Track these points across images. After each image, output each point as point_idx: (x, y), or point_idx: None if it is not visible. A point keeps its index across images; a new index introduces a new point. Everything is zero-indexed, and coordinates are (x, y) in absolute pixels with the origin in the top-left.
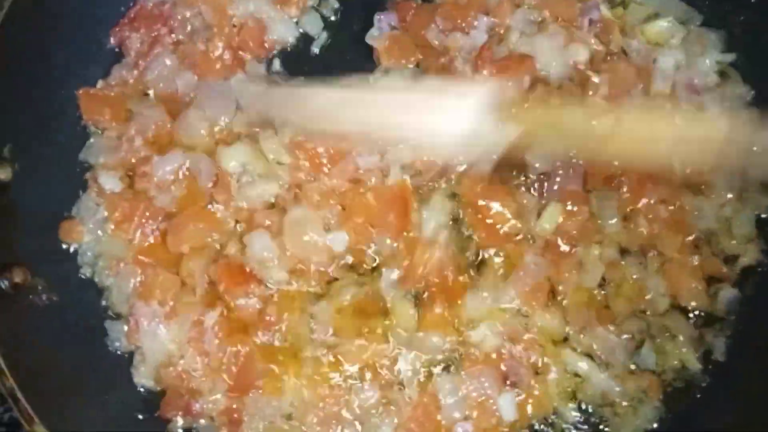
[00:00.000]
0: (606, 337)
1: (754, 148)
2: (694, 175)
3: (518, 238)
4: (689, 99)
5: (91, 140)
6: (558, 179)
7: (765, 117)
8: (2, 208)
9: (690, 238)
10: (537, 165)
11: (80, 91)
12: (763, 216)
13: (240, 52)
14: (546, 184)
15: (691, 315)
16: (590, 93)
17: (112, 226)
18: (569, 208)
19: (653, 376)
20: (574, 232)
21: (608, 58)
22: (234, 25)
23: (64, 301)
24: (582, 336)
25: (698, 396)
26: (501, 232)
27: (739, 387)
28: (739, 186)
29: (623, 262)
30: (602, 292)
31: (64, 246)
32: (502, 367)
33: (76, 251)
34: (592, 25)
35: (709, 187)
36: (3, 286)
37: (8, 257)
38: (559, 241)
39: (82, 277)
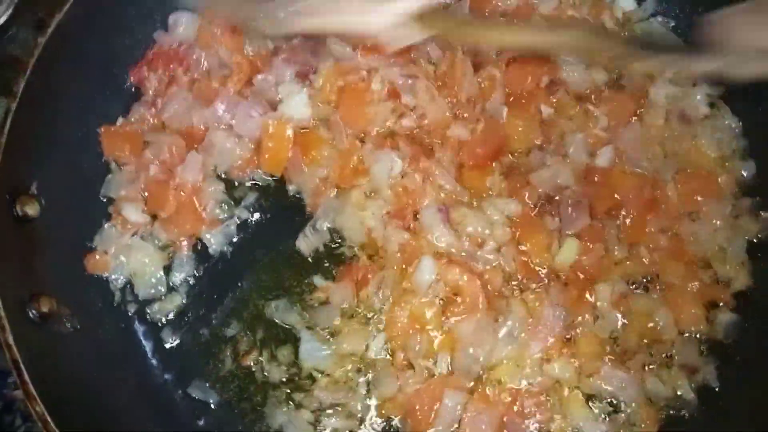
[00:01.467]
0: (617, 375)
1: None
2: (690, 203)
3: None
4: (681, 129)
5: (110, 175)
6: (568, 211)
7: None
8: (30, 241)
9: (689, 264)
10: (540, 189)
11: (102, 130)
12: (754, 240)
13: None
14: (557, 216)
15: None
16: (590, 125)
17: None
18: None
19: (649, 406)
20: (590, 267)
21: (604, 89)
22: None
23: (88, 327)
24: (591, 378)
25: (690, 424)
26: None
27: (732, 413)
28: (731, 212)
29: (631, 295)
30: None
31: (87, 275)
32: (504, 419)
33: (98, 279)
34: None
35: (703, 213)
36: (31, 315)
37: (36, 287)
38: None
39: (101, 305)
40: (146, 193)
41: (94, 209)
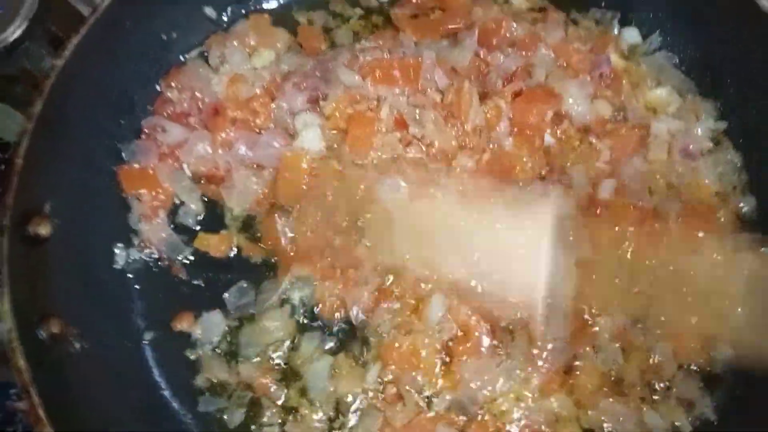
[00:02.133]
0: (615, 409)
1: None
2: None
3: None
4: (684, 163)
5: (133, 209)
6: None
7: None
8: (41, 262)
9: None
10: None
11: (120, 171)
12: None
13: None
14: None
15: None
16: (593, 158)
17: None
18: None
19: None
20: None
21: (608, 122)
22: None
23: (97, 348)
24: (589, 412)
25: None
26: None
27: None
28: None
29: (631, 329)
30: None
31: (97, 295)
32: None
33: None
34: (603, 78)
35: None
36: (41, 337)
37: (45, 309)
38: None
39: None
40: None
41: (105, 230)
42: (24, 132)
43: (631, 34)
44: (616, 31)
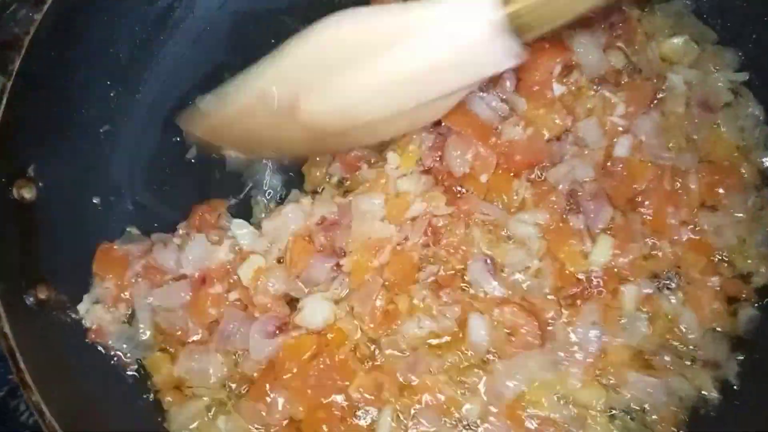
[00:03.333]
0: (645, 380)
1: None
2: (711, 195)
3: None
4: (702, 117)
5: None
6: (589, 206)
7: None
8: (27, 226)
9: (711, 258)
10: (561, 187)
11: (100, 247)
12: None
13: None
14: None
15: None
16: (608, 113)
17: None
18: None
19: (670, 408)
20: (624, 266)
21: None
22: None
23: None
24: (618, 391)
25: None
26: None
27: (751, 411)
28: (753, 204)
29: (656, 295)
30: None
31: (86, 262)
32: None
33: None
34: (614, 28)
35: (725, 205)
36: (28, 302)
37: (33, 274)
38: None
39: None
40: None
41: (93, 193)
42: (2, 90)
43: None
44: None
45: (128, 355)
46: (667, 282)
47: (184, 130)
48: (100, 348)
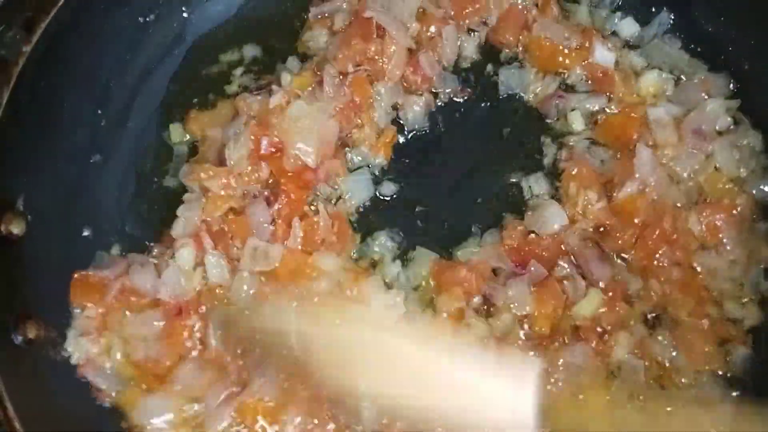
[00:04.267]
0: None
1: None
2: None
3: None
4: (697, 146)
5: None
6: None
7: None
8: (15, 262)
9: (699, 300)
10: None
11: (75, 277)
12: None
13: None
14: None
15: None
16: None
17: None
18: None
19: None
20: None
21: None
22: None
23: None
24: None
25: None
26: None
27: None
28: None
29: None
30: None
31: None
32: None
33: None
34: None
35: (722, 244)
36: (16, 341)
37: (21, 311)
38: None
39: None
40: None
41: (82, 225)
42: None
43: (628, 27)
44: (614, 21)
45: (107, 390)
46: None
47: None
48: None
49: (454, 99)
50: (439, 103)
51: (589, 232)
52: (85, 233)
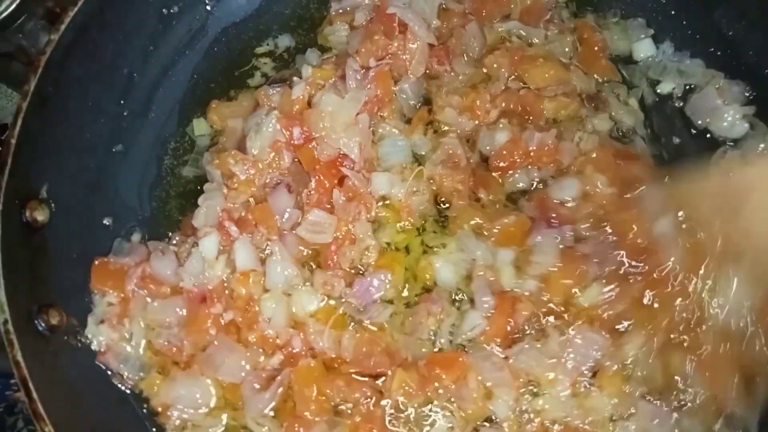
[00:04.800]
0: (651, 410)
1: None
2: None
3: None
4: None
5: (95, 309)
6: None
7: None
8: (39, 249)
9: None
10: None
11: (95, 263)
12: None
13: None
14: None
15: None
16: None
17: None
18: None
19: None
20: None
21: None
22: None
23: None
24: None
25: None
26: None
27: None
28: None
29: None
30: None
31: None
32: None
33: None
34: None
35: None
36: (40, 328)
37: (44, 299)
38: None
39: None
40: None
41: (103, 214)
42: (18, 111)
43: (645, 49)
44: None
45: (128, 376)
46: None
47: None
48: (110, 371)
49: None
50: None
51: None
52: (106, 222)
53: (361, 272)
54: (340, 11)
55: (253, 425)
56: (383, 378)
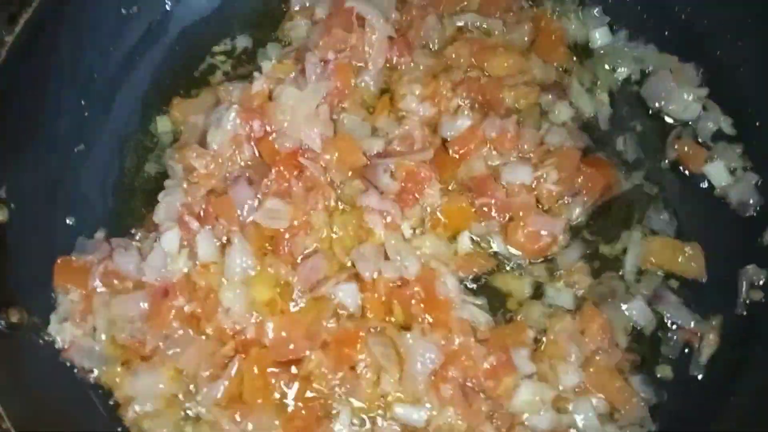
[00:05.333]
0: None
1: None
2: None
3: None
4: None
5: (58, 307)
6: None
7: None
8: None
9: None
10: None
11: (58, 262)
12: None
13: None
14: None
15: None
16: None
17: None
18: None
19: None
20: None
21: None
22: None
23: None
24: None
25: None
26: None
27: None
28: None
29: None
30: None
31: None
32: None
33: None
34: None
35: None
36: (0, 326)
37: (4, 297)
38: None
39: None
40: None
41: (65, 213)
42: None
43: (602, 34)
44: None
45: (92, 370)
46: None
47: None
48: (73, 367)
49: None
50: None
51: None
52: (69, 221)
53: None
54: (299, 7)
55: (204, 414)
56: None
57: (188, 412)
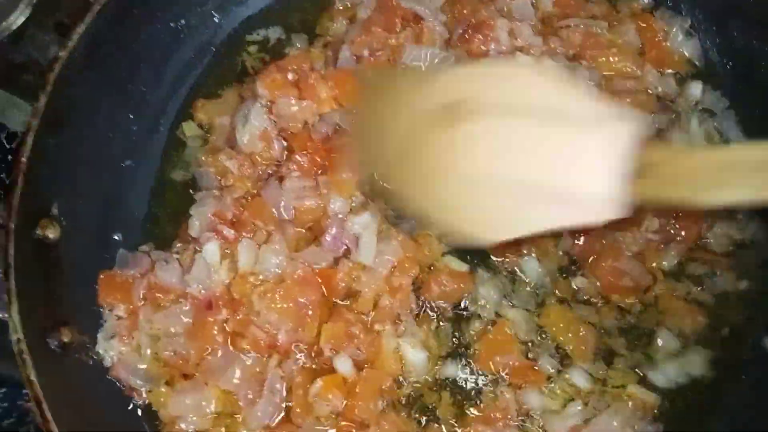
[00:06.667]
0: None
1: None
2: None
3: None
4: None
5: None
6: None
7: None
8: (50, 267)
9: None
10: None
11: (102, 276)
12: None
13: None
14: None
15: None
16: None
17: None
18: None
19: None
20: None
21: None
22: None
23: None
24: None
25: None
26: None
27: None
28: None
29: None
30: None
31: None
32: None
33: None
34: None
35: None
36: (52, 346)
37: (57, 316)
38: None
39: None
40: None
41: (114, 229)
42: (29, 129)
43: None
44: None
45: (139, 389)
46: None
47: None
48: (121, 386)
49: None
50: None
51: None
52: (116, 237)
53: None
54: (343, 7)
55: None
56: None
57: None
